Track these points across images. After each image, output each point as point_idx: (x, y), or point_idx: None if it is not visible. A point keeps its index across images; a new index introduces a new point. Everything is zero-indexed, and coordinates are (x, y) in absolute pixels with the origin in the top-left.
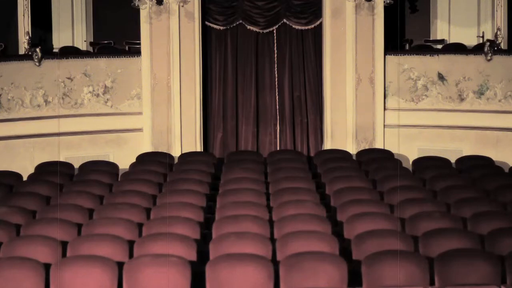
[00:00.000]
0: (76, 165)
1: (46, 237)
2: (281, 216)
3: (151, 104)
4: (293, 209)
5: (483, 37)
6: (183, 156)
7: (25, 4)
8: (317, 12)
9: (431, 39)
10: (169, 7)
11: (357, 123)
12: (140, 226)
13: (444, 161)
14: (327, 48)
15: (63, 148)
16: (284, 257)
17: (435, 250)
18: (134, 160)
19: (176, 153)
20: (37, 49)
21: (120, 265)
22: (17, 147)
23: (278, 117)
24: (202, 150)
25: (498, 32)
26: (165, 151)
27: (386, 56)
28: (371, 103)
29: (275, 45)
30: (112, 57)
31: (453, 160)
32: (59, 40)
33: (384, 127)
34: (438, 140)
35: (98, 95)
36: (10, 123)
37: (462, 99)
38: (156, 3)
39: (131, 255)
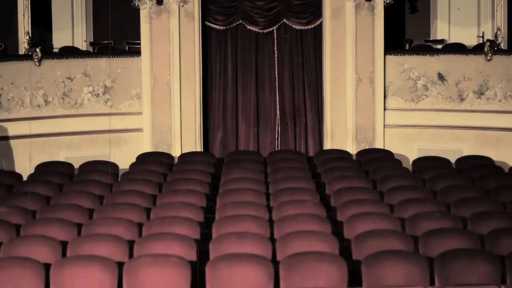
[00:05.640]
0: (76, 165)
1: (46, 237)
2: (281, 216)
3: (151, 104)
4: (293, 209)
5: (483, 37)
6: (183, 156)
7: (25, 4)
8: (317, 12)
9: (431, 39)
10: (169, 7)
11: (357, 123)
12: (140, 226)
13: (444, 161)
14: (327, 48)
15: (63, 148)
16: (284, 257)
17: (435, 250)
18: (134, 160)
19: (176, 153)
20: (37, 49)
21: (120, 265)
22: (17, 147)
23: (278, 117)
24: (202, 150)
25: (498, 32)
26: (165, 151)
27: (386, 56)
28: (371, 103)
29: (275, 45)
30: (112, 57)
31: (453, 160)
32: (59, 40)
33: (384, 127)
34: (438, 140)
35: (98, 95)
36: (10, 123)
37: (462, 99)
38: (156, 3)
39: (131, 255)
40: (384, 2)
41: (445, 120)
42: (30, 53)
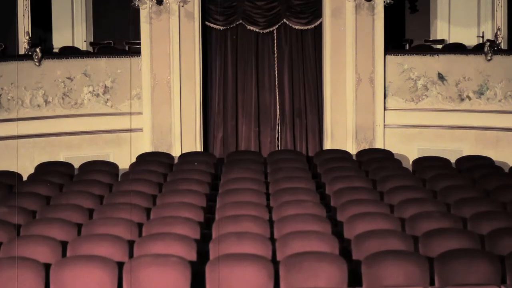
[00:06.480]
0: (76, 165)
1: (46, 237)
2: (281, 216)
3: (151, 104)
4: (293, 209)
5: (483, 37)
6: (183, 156)
7: (25, 4)
8: (317, 12)
9: (431, 39)
10: (169, 7)
11: (357, 123)
12: (140, 226)
13: (444, 161)
14: (327, 48)
15: (63, 148)
16: (284, 257)
17: (435, 250)
18: (134, 160)
19: (176, 153)
20: (37, 49)
21: (120, 265)
22: (17, 147)
23: (278, 117)
24: (202, 150)
25: (498, 32)
26: (165, 151)
27: (386, 56)
28: (371, 103)
29: (275, 45)
30: (112, 57)
31: (453, 160)
32: (59, 40)
33: (384, 127)
34: (438, 140)
35: (98, 95)
36: (10, 123)
37: (462, 99)
38: (156, 3)
39: (131, 255)
40: (384, 2)
41: (445, 120)
42: (30, 53)
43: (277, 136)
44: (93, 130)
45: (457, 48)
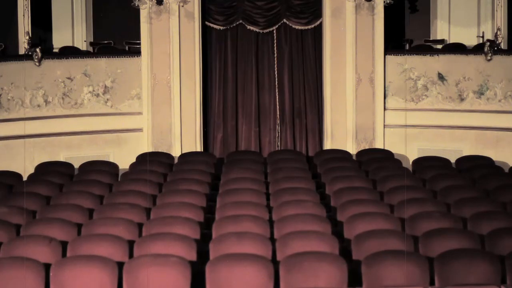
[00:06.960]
0: (76, 165)
1: (46, 237)
2: (281, 216)
3: (151, 104)
4: (293, 209)
5: (483, 37)
6: (183, 156)
7: (25, 4)
8: (317, 12)
9: (431, 39)
10: (169, 7)
11: (357, 123)
12: (140, 226)
13: (444, 161)
14: (327, 48)
15: (63, 148)
16: (284, 257)
17: (435, 250)
18: (134, 160)
19: (176, 153)
20: (37, 49)
21: (120, 265)
22: (17, 147)
23: (278, 117)
24: (202, 150)
25: (498, 32)
26: (165, 151)
27: (386, 56)
28: (371, 103)
29: (275, 45)
30: (112, 57)
31: (453, 160)
32: (59, 40)
33: (384, 127)
34: (438, 140)
35: (98, 95)
36: (10, 123)
37: (462, 99)
38: (156, 3)
39: (131, 255)
40: (384, 2)
41: (445, 120)
42: (30, 53)
43: (277, 136)
44: (93, 130)
45: (457, 48)
